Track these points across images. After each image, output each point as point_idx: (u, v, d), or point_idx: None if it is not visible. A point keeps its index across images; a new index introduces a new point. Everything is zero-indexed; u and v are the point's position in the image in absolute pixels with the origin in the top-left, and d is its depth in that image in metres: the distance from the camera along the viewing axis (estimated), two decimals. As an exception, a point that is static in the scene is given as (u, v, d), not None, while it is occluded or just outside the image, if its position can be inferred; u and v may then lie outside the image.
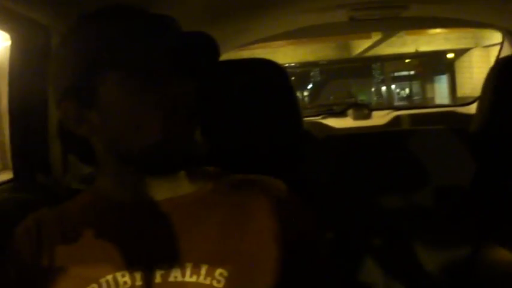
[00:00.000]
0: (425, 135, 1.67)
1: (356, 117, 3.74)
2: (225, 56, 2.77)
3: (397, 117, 3.59)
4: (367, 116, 3.75)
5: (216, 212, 1.02)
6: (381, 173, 1.61)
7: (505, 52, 2.91)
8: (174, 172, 1.04)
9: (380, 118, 3.70)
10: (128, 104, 0.95)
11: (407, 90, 27.31)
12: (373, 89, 27.71)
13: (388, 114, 3.70)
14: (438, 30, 14.93)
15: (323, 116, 3.79)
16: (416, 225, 1.58)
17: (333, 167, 1.61)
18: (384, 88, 27.39)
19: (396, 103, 25.13)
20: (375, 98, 26.90)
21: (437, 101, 23.06)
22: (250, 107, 1.46)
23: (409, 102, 25.22)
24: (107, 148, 1.01)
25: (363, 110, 3.79)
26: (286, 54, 17.32)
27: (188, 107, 0.98)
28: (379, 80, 27.23)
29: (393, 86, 27.57)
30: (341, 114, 3.84)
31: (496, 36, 4.29)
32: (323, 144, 1.65)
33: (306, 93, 26.47)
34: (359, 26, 2.91)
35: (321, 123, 3.61)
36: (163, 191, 1.02)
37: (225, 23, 2.05)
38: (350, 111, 3.81)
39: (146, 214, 1.01)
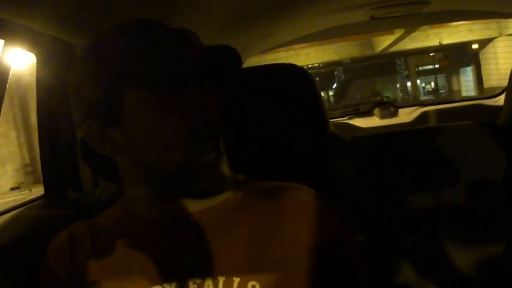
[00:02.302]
0: (453, 131, 1.65)
1: (382, 116, 3.72)
2: (249, 60, 2.79)
3: (424, 114, 3.56)
4: (394, 114, 3.72)
5: (246, 222, 1.01)
6: (409, 172, 1.60)
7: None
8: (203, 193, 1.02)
9: (407, 115, 3.67)
10: (152, 121, 0.94)
11: (432, 84, 27.14)
12: (398, 85, 27.58)
13: (414, 110, 3.68)
14: (461, 21, 14.80)
15: (349, 116, 3.77)
16: (448, 223, 1.56)
17: (361, 168, 1.60)
18: (409, 83, 27.24)
19: (422, 97, 25.00)
20: (401, 94, 26.77)
21: (464, 94, 22.87)
22: (277, 112, 1.45)
23: (435, 96, 25.05)
24: (133, 167, 1.00)
25: (389, 108, 3.76)
26: (309, 55, 17.35)
27: (213, 120, 0.97)
28: (404, 76, 27.09)
29: (418, 81, 27.41)
30: (367, 113, 3.83)
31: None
32: (350, 145, 1.64)
33: (331, 93, 26.42)
34: (380, 24, 2.89)
35: (348, 124, 3.60)
36: (193, 203, 1.01)
37: (247, 29, 2.05)
38: (376, 110, 3.79)
39: (177, 227, 1.01)
